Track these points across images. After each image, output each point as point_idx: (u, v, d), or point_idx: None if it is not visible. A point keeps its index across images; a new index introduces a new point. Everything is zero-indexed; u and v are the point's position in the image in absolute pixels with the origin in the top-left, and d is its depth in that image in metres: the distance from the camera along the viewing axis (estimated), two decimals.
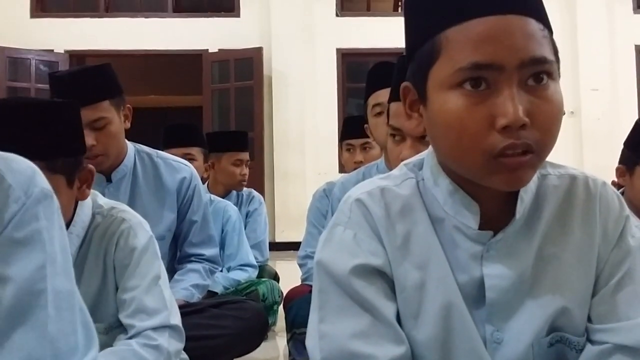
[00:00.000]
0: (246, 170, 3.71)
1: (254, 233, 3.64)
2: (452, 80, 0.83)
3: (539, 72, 0.82)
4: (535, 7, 0.85)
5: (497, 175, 0.83)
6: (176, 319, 1.48)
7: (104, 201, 1.55)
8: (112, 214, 1.51)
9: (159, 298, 1.47)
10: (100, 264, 1.48)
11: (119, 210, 1.53)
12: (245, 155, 3.72)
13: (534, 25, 0.83)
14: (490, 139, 0.81)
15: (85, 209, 1.48)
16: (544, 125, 0.82)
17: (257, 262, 3.41)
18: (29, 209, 0.84)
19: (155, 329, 1.43)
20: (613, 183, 2.01)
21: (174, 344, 1.46)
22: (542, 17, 0.85)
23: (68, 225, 1.40)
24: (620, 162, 2.08)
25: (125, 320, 1.44)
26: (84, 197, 1.45)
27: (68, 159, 1.37)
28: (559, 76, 0.86)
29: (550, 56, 0.83)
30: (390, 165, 1.78)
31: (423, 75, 0.88)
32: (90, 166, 1.46)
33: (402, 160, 1.67)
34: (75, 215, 1.45)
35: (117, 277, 1.47)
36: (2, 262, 0.81)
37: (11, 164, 0.86)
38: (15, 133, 1.27)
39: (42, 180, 0.88)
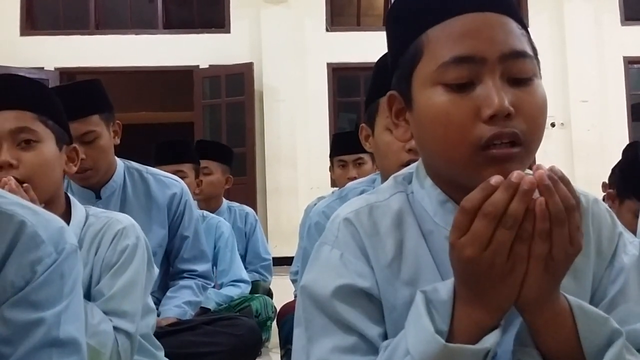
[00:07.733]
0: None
1: (258, 257, 3.68)
2: (435, 77, 0.84)
3: (520, 67, 0.83)
4: (513, 9, 0.87)
5: (486, 170, 0.81)
6: (133, 328, 1.48)
7: (96, 211, 1.60)
8: (107, 215, 1.58)
9: (131, 302, 1.48)
10: (90, 261, 1.50)
11: (112, 213, 1.61)
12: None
13: (512, 23, 0.85)
14: (477, 130, 0.81)
15: (79, 211, 1.55)
16: (529, 115, 0.82)
17: (265, 282, 3.53)
18: (59, 265, 0.93)
19: (117, 329, 1.43)
20: (603, 198, 1.91)
21: (127, 348, 1.45)
22: (519, 20, 0.87)
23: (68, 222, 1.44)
24: (610, 180, 1.97)
25: None
26: (70, 172, 1.58)
27: (58, 126, 1.50)
28: (541, 76, 0.86)
29: (530, 52, 0.85)
30: (392, 161, 1.59)
31: (407, 77, 0.89)
32: (75, 145, 1.59)
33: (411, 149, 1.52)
34: (72, 217, 1.51)
35: (101, 273, 1.49)
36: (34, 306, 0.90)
37: (45, 216, 0.96)
38: (17, 87, 1.47)
39: (70, 236, 0.98)
